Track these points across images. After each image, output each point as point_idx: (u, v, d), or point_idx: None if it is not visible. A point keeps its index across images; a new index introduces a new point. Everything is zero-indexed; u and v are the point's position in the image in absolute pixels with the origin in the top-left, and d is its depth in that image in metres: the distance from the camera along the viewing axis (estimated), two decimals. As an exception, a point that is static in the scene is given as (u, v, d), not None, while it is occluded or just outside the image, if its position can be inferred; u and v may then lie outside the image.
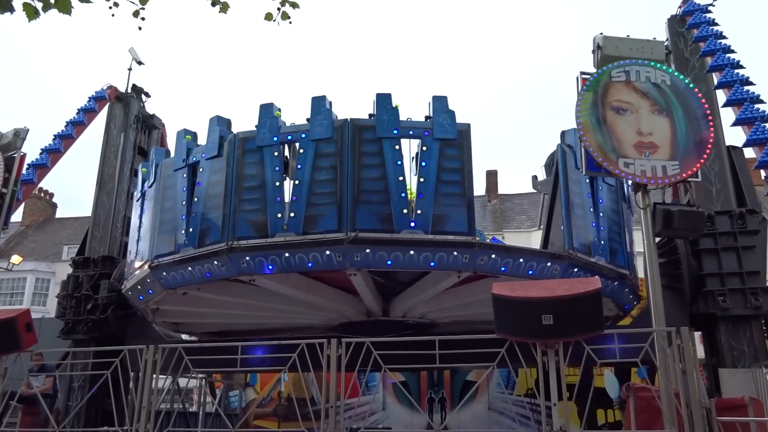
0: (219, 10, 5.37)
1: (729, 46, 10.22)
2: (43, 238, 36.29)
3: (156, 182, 9.90)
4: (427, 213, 8.17)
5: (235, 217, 8.49)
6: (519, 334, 6.65)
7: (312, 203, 8.29)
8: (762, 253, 9.77)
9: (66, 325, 12.03)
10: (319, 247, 8.09)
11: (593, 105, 7.66)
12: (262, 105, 8.97)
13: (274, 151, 8.66)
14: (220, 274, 8.65)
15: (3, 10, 2.88)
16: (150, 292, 9.76)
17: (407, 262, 8.13)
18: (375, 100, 8.65)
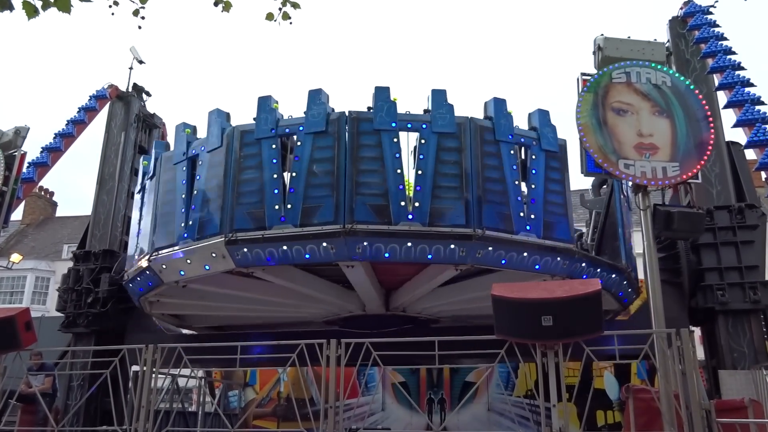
0: (222, 9, 5.37)
1: (730, 47, 10.23)
2: (43, 237, 36.28)
3: (156, 175, 9.91)
4: (424, 206, 8.15)
5: (234, 210, 8.50)
6: (518, 335, 6.64)
7: (309, 195, 8.28)
8: (761, 248, 9.85)
9: (66, 319, 12.09)
10: (316, 240, 8.09)
11: (594, 106, 7.66)
12: (261, 97, 8.99)
13: (272, 144, 8.67)
14: (218, 265, 8.68)
15: (2, 8, 2.88)
16: (150, 284, 9.78)
17: (404, 255, 8.12)
18: (373, 93, 8.67)
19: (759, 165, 8.82)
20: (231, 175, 8.73)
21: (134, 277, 10.07)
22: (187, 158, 9.45)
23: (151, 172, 10.00)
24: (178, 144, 9.73)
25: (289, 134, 8.72)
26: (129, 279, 10.33)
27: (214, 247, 8.54)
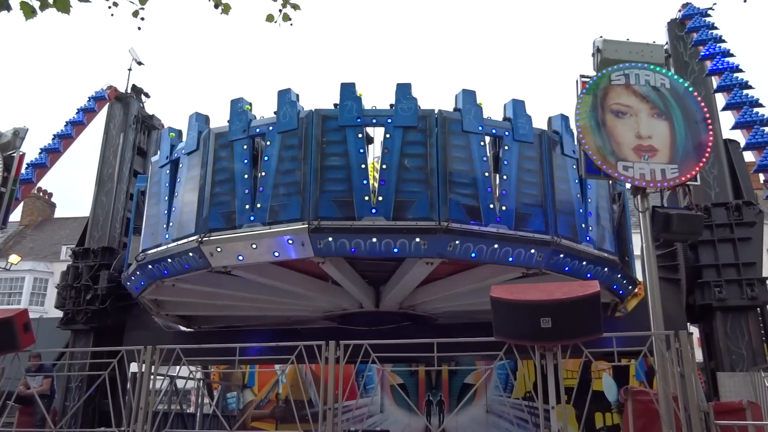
0: (221, 11, 5.38)
1: (728, 50, 10.26)
2: (41, 238, 36.22)
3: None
4: (388, 200, 8.21)
5: (209, 211, 8.71)
6: (517, 337, 6.63)
7: (277, 194, 8.45)
8: (758, 245, 9.89)
9: (65, 316, 12.14)
10: (282, 237, 8.24)
11: (593, 108, 7.67)
12: (233, 100, 9.21)
13: (244, 145, 8.89)
14: (197, 265, 8.90)
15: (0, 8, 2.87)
16: (141, 283, 10.04)
17: (370, 250, 8.17)
18: (339, 89, 8.76)
19: (758, 167, 8.84)
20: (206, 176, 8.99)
21: (128, 275, 10.13)
22: (170, 161, 9.65)
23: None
24: (164, 149, 9.92)
25: (260, 134, 8.92)
26: (124, 278, 10.38)
27: (191, 248, 8.76)
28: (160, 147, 10.01)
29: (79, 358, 11.24)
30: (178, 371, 9.94)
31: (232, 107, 9.14)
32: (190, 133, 9.41)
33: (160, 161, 9.90)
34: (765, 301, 9.51)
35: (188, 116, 9.59)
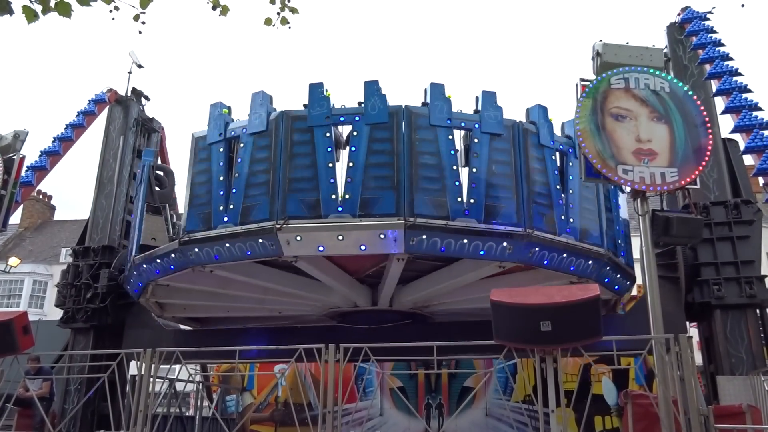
0: (219, 13, 5.39)
1: (727, 53, 10.27)
2: (41, 240, 36.23)
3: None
4: (354, 197, 8.27)
5: (189, 213, 9.05)
6: (517, 341, 6.64)
7: (248, 195, 8.62)
8: (756, 243, 9.90)
9: (65, 314, 12.16)
10: (254, 237, 8.39)
11: (592, 112, 7.68)
12: (212, 104, 9.41)
13: (220, 148, 9.10)
14: (179, 264, 9.17)
15: (2, 12, 2.88)
16: (140, 284, 10.25)
17: (338, 248, 8.29)
18: (308, 89, 8.83)
19: (757, 170, 8.84)
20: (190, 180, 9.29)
21: (126, 278, 10.18)
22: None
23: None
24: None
25: (234, 137, 9.09)
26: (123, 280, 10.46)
27: (172, 250, 9.06)
28: (208, 123, 9.67)
29: (78, 360, 11.22)
30: (177, 374, 9.94)
31: (210, 111, 9.38)
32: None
33: (210, 138, 9.49)
34: (763, 299, 9.51)
35: (252, 94, 9.32)
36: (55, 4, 2.96)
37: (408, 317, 10.74)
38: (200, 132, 9.47)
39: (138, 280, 10.21)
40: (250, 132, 8.92)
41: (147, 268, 9.75)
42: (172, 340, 11.59)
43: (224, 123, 9.20)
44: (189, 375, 9.72)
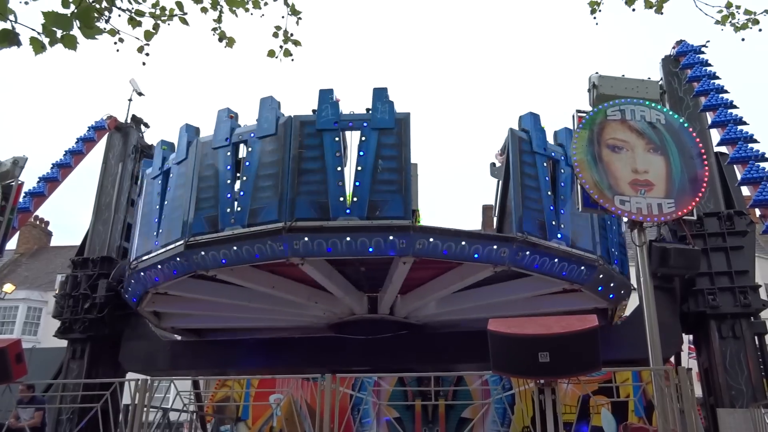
0: (225, 45, 5.49)
1: (722, 86, 10.41)
2: (36, 267, 36.07)
3: (142, 191, 10.55)
4: (363, 200, 8.43)
5: (194, 216, 9.01)
6: (515, 372, 6.59)
7: (256, 197, 8.70)
8: (750, 253, 10.00)
9: (62, 324, 12.12)
10: (261, 238, 8.44)
11: (589, 143, 7.75)
12: (220, 110, 9.56)
13: (227, 152, 9.21)
14: (182, 269, 9.10)
15: (11, 44, 2.92)
16: (138, 292, 10.20)
17: (346, 249, 8.36)
18: (318, 95, 9.04)
19: (753, 202, 8.89)
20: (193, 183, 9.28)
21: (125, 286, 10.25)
22: (162, 172, 9.97)
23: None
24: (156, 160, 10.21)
25: (243, 141, 9.22)
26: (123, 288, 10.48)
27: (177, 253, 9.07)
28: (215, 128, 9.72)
29: (71, 388, 11.07)
30: (171, 404, 9.83)
31: (218, 116, 9.51)
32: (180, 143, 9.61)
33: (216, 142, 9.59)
34: (757, 308, 9.61)
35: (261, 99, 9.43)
36: (62, 36, 3.00)
37: (405, 328, 10.82)
38: (206, 137, 9.56)
39: (136, 288, 10.14)
40: (258, 136, 9.04)
41: (145, 276, 9.68)
42: (169, 351, 11.70)
43: (230, 128, 9.34)
44: (183, 405, 9.59)
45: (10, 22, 2.99)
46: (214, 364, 11.67)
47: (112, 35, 4.06)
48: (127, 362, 11.81)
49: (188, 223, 9.00)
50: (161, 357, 11.70)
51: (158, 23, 4.60)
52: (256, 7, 5.52)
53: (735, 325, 9.55)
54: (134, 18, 4.25)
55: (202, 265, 8.91)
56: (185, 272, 9.14)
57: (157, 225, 9.64)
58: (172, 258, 9.12)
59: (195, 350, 11.90)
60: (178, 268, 9.16)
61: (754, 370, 9.42)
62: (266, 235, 8.41)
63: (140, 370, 12.13)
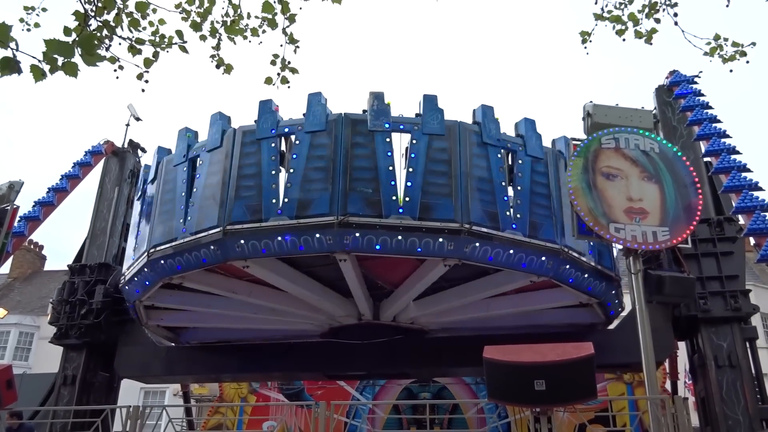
0: (223, 71, 5.55)
1: (715, 116, 10.51)
2: (29, 291, 35.79)
3: (157, 178, 10.29)
4: (414, 200, 8.52)
5: (232, 204, 8.88)
6: (511, 400, 6.57)
7: (305, 189, 8.70)
8: (740, 259, 10.02)
9: (59, 330, 12.06)
10: (310, 231, 8.42)
11: (584, 170, 7.82)
12: (262, 101, 9.56)
13: (272, 143, 9.20)
14: (215, 258, 8.93)
15: (12, 71, 2.95)
16: (147, 283, 9.93)
17: (395, 247, 8.41)
18: (368, 97, 9.21)
19: (748, 231, 8.94)
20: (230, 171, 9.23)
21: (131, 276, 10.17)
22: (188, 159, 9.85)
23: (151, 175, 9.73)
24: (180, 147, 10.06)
25: (288, 134, 9.25)
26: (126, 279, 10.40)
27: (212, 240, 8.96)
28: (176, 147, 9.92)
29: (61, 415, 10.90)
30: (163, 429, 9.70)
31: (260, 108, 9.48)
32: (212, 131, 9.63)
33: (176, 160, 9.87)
34: (748, 312, 9.63)
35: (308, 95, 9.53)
36: (63, 63, 3.03)
37: (400, 332, 10.84)
38: (248, 126, 9.50)
39: (147, 278, 9.83)
40: (307, 130, 9.08)
41: (165, 264, 9.40)
42: (164, 357, 11.64)
43: (275, 120, 9.37)
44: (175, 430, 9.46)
45: (11, 50, 3.02)
46: (210, 370, 11.70)
47: (113, 63, 4.09)
48: (122, 368, 11.83)
49: (227, 210, 8.83)
50: (157, 363, 11.71)
51: (158, 51, 4.65)
52: (255, 35, 5.60)
53: (731, 354, 9.50)
54: (134, 46, 4.30)
55: (239, 255, 8.77)
56: (218, 260, 8.97)
57: (184, 212, 9.38)
58: (206, 245, 8.90)
59: (190, 356, 11.91)
60: (210, 256, 8.94)
61: (750, 400, 9.37)
62: (316, 228, 8.41)
63: (136, 376, 12.20)
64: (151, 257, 9.45)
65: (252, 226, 8.64)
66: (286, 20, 5.31)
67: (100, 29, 3.75)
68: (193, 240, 9.04)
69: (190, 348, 12.18)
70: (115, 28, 3.99)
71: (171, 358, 11.69)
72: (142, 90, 4.75)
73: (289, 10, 5.27)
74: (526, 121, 9.63)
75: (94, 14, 3.55)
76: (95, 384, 11.83)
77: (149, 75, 4.55)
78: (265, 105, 9.48)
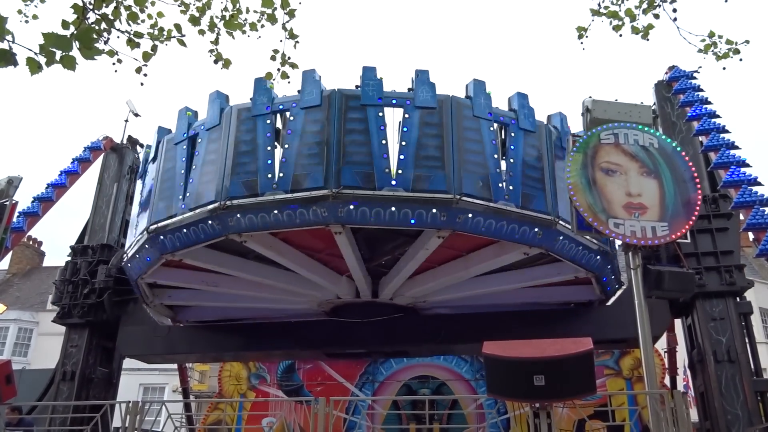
0: (222, 66, 5.54)
1: (714, 111, 10.49)
2: (28, 287, 35.79)
3: (157, 158, 10.44)
4: (407, 173, 8.66)
5: (230, 180, 9.03)
6: (510, 395, 6.57)
7: (299, 164, 8.87)
8: (735, 235, 10.09)
9: (61, 310, 12.17)
10: (305, 204, 8.60)
11: (583, 166, 7.81)
12: (257, 79, 9.69)
13: (267, 120, 9.38)
14: (213, 233, 9.09)
15: (7, 63, 2.94)
16: (148, 259, 10.07)
17: (388, 219, 8.55)
18: (362, 72, 9.32)
19: (747, 225, 8.93)
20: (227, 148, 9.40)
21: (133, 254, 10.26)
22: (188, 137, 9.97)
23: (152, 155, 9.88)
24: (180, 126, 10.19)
25: (283, 110, 9.40)
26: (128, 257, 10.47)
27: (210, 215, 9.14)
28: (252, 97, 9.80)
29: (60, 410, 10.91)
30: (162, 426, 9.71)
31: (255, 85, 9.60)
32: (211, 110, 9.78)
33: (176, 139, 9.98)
34: (743, 286, 9.70)
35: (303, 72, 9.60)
36: (60, 57, 3.02)
37: (399, 311, 10.98)
38: (243, 104, 9.67)
39: (147, 254, 9.98)
40: (302, 106, 9.22)
41: (165, 240, 9.53)
42: (166, 336, 11.81)
43: (270, 97, 9.53)
44: (174, 428, 9.47)
45: (8, 43, 3.01)
46: (211, 349, 11.88)
47: (111, 56, 4.09)
48: (124, 347, 12.00)
49: (225, 186, 9.00)
50: (158, 342, 11.85)
51: (156, 44, 4.64)
52: (254, 30, 5.59)
53: (730, 349, 9.50)
54: (133, 39, 4.29)
55: (237, 228, 8.93)
56: (216, 235, 9.10)
57: (183, 188, 9.54)
58: (203, 221, 9.07)
59: (191, 335, 12.06)
60: (208, 232, 9.09)
61: (749, 395, 9.39)
62: (311, 201, 8.57)
63: (138, 354, 12.35)
64: (151, 233, 9.62)
65: (249, 200, 8.83)
66: (285, 15, 5.30)
67: (98, 22, 3.73)
68: (192, 215, 9.19)
69: (191, 327, 12.33)
70: (113, 22, 3.97)
71: (173, 337, 11.87)
72: (141, 84, 4.75)
73: (288, 5, 5.26)
74: (519, 95, 9.74)
75: (92, 7, 3.54)
76: (95, 380, 11.86)
77: (148, 69, 4.55)
78: (260, 82, 9.62)
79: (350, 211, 8.50)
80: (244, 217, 8.84)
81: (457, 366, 14.82)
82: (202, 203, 9.12)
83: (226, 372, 15.53)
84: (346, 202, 8.51)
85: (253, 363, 15.39)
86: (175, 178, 9.84)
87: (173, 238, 9.47)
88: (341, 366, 15.00)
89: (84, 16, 3.36)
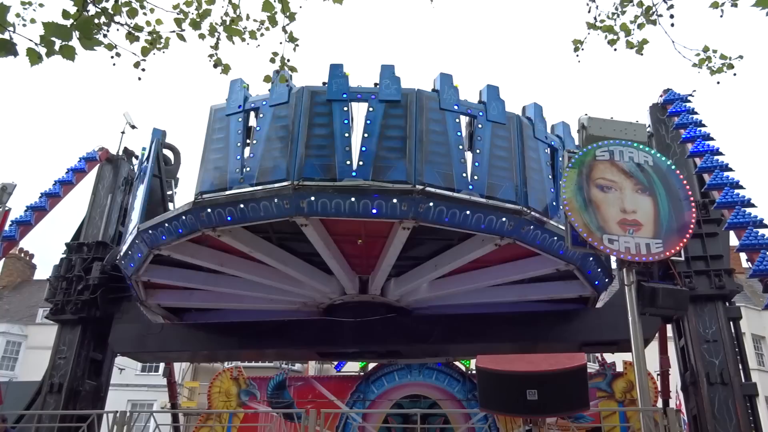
0: (221, 71, 5.56)
1: (708, 133, 10.59)
2: (18, 300, 35.46)
3: None
4: (368, 164, 8.86)
5: (202, 176, 9.45)
6: (503, 410, 6.54)
7: (265, 158, 9.16)
8: (724, 240, 10.21)
9: (54, 306, 12.14)
10: (269, 197, 8.81)
11: (578, 182, 7.84)
12: (232, 81, 10.06)
13: (239, 118, 9.77)
14: (190, 226, 9.41)
15: (8, 53, 2.94)
16: (138, 255, 10.34)
17: (348, 210, 8.70)
18: (329, 69, 9.59)
19: (740, 247, 8.96)
20: None
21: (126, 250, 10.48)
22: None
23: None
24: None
25: (255, 108, 9.77)
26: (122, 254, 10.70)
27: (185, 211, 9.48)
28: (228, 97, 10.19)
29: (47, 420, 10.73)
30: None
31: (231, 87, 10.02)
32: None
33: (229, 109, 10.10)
34: (732, 290, 9.79)
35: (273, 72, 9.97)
36: (60, 47, 3.03)
37: (392, 311, 11.06)
38: (219, 104, 10.10)
39: (138, 250, 10.26)
40: (271, 104, 9.57)
41: (152, 234, 9.84)
42: (159, 334, 11.82)
43: (243, 97, 9.90)
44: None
45: (8, 33, 3.01)
46: (204, 348, 11.91)
47: (110, 49, 4.11)
48: (117, 344, 11.97)
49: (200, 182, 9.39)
50: (151, 340, 11.85)
51: (154, 38, 4.65)
52: (253, 38, 5.62)
53: (723, 372, 9.46)
54: (132, 33, 4.31)
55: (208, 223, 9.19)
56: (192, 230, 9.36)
57: (240, 162, 9.60)
58: (179, 216, 9.37)
59: (185, 334, 12.09)
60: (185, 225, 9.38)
61: (742, 417, 9.33)
62: (274, 193, 8.76)
63: (130, 352, 12.34)
64: (140, 229, 10.04)
65: (217, 195, 9.16)
66: (286, 18, 5.34)
67: (98, 15, 3.75)
68: (170, 212, 9.72)
69: (184, 326, 12.35)
70: (113, 16, 3.99)
71: (166, 335, 11.90)
72: (139, 78, 4.75)
73: (289, 9, 5.30)
74: (489, 88, 9.94)
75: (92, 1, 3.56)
76: (82, 392, 11.66)
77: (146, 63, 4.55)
78: (234, 84, 9.99)
79: (311, 202, 8.68)
80: (213, 211, 9.18)
81: (449, 386, 14.69)
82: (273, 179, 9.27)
83: (216, 388, 15.35)
84: (307, 194, 8.70)
85: (243, 379, 15.26)
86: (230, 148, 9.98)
87: (156, 232, 9.84)
88: (332, 384, 14.87)
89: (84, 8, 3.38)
